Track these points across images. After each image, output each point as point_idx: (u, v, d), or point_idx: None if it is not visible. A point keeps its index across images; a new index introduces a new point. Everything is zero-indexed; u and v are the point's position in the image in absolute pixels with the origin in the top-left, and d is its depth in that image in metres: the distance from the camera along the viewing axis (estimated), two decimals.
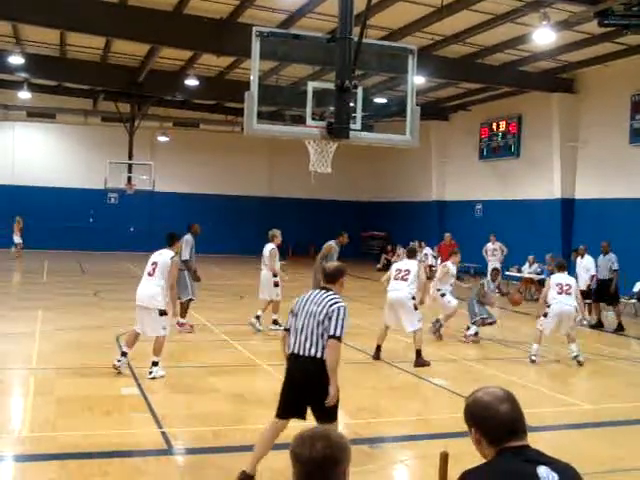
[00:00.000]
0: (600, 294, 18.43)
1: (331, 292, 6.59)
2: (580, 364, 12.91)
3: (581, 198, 26.81)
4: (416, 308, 12.69)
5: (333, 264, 7.17)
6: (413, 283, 12.74)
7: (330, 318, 6.32)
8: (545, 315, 13.10)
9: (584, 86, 26.68)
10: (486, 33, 21.45)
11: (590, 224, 25.40)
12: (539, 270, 24.28)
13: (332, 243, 15.83)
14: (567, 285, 13.08)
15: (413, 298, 12.67)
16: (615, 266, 18.14)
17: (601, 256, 18.43)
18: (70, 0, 19.67)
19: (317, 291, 6.66)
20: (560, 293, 12.98)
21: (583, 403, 10.41)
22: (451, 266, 15.29)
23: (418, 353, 12.39)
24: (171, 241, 11.44)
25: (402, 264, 13.34)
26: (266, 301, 15.17)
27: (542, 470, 2.83)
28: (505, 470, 2.85)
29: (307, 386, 6.44)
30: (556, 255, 21.46)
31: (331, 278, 6.75)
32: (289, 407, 6.54)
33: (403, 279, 12.74)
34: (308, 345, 6.37)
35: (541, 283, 22.77)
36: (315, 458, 2.70)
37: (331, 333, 6.28)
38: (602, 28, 18.73)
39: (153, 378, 10.58)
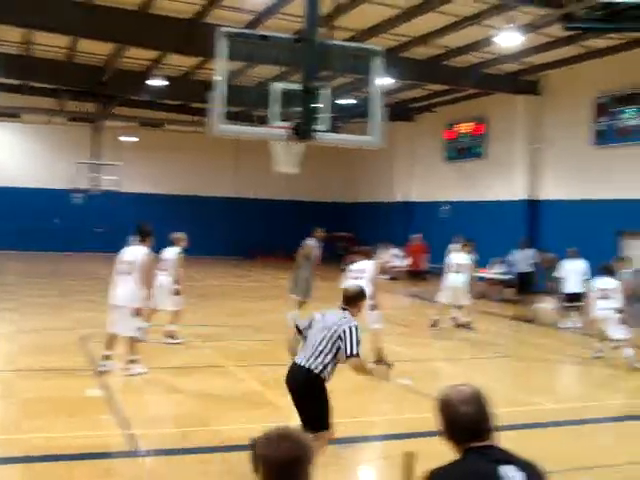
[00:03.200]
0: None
1: (346, 313, 6.72)
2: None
3: (546, 199, 27.09)
4: (373, 308, 12.21)
5: (355, 288, 7.24)
6: (369, 283, 12.18)
7: (341, 338, 6.42)
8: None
9: (548, 88, 26.96)
10: (452, 35, 21.60)
11: (555, 224, 25.68)
12: (504, 271, 24.42)
13: (311, 242, 15.80)
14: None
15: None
16: (533, 259, 19.52)
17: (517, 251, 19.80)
18: None
19: (333, 310, 6.79)
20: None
21: (548, 402, 10.52)
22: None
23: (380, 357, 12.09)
24: (143, 236, 11.08)
25: (357, 264, 12.89)
26: (153, 310, 12.90)
27: (506, 469, 2.86)
28: (469, 470, 2.88)
29: (297, 393, 6.57)
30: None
31: (351, 300, 6.89)
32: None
33: (357, 279, 12.18)
34: (309, 357, 6.48)
35: (505, 283, 22.96)
36: (282, 458, 2.71)
37: (348, 354, 6.38)
38: (566, 31, 18.97)
39: (130, 375, 10.54)
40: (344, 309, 6.79)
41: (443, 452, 3.11)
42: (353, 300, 6.89)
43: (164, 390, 10.35)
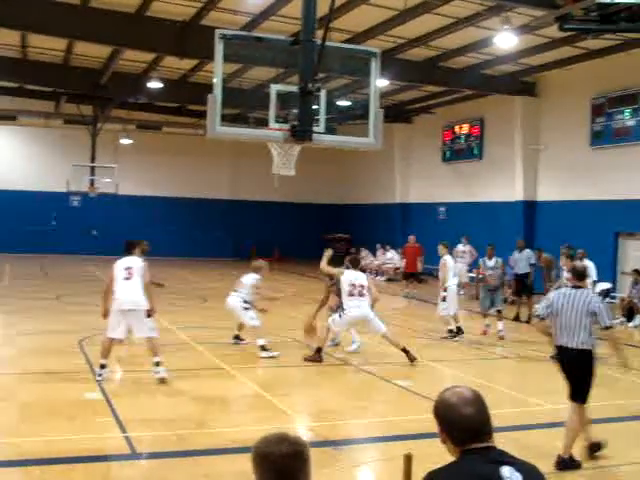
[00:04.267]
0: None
1: (585, 290, 7.74)
2: None
3: (543, 200, 27.12)
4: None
5: (582, 264, 8.73)
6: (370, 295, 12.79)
7: (595, 313, 7.36)
8: None
9: (545, 89, 26.99)
10: (448, 36, 21.63)
11: (552, 226, 25.69)
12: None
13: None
14: None
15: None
16: (532, 260, 19.54)
17: (516, 252, 19.82)
18: (31, 1, 19.47)
19: (572, 290, 7.62)
20: None
21: (547, 403, 10.52)
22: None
23: (405, 350, 12.55)
24: (129, 250, 11.23)
25: (354, 278, 12.80)
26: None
27: (505, 470, 2.85)
28: (468, 471, 2.88)
29: (571, 371, 7.54)
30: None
31: (581, 277, 7.86)
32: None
33: (361, 295, 12.56)
34: (574, 338, 7.40)
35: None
36: (287, 453, 2.74)
37: (604, 325, 7.41)
38: (562, 32, 18.98)
39: (162, 379, 10.56)
40: (578, 287, 7.64)
41: (442, 454, 3.11)
42: (582, 276, 7.87)
43: (162, 393, 10.33)
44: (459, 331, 15.62)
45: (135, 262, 11.01)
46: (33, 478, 6.91)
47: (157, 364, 10.70)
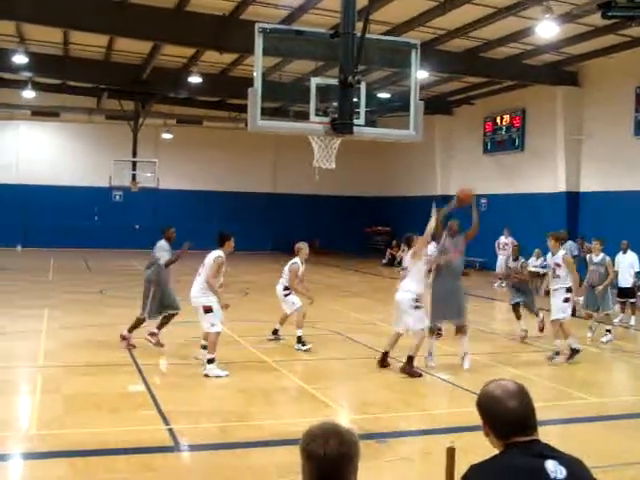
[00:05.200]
0: None
1: None
2: None
3: (586, 191, 26.77)
4: (417, 307, 11.40)
5: None
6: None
7: None
8: None
9: (588, 79, 26.61)
10: (489, 27, 21.41)
11: (595, 217, 25.35)
12: (544, 264, 24.12)
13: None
14: None
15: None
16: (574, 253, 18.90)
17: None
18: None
19: None
20: None
21: (591, 397, 10.39)
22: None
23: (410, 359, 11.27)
24: (221, 241, 11.31)
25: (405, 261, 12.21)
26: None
27: (550, 464, 2.82)
28: (512, 465, 2.85)
29: None
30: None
31: None
32: None
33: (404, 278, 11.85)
34: None
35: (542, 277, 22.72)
36: (330, 456, 2.69)
37: None
38: (606, 20, 18.67)
39: (206, 375, 10.63)
40: None
41: (485, 447, 3.08)
42: None
43: (205, 385, 10.40)
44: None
45: (209, 257, 11.13)
46: (77, 469, 6.99)
47: (209, 361, 10.76)
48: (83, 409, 8.85)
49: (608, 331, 14.75)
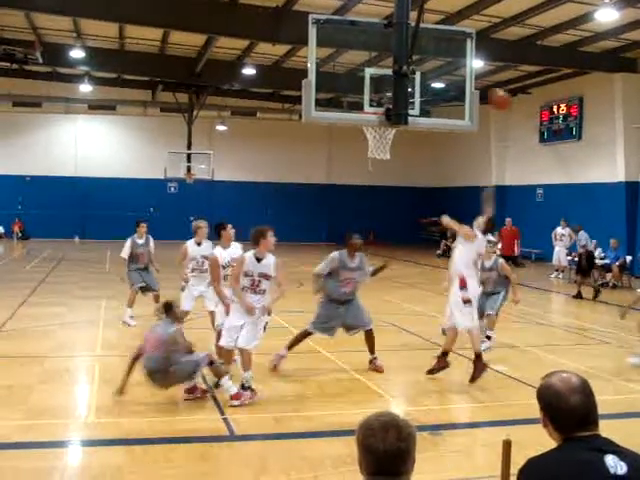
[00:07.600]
0: None
1: None
2: None
3: None
4: (465, 302, 10.49)
5: None
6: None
7: None
8: None
9: None
10: (545, 14, 21.08)
11: None
12: (602, 255, 23.78)
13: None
14: None
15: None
16: None
17: None
18: None
19: None
20: None
21: None
22: None
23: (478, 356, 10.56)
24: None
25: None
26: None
27: (609, 459, 2.78)
28: (570, 460, 2.81)
29: None
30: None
31: None
32: None
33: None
34: None
35: (605, 268, 22.45)
36: (389, 451, 2.70)
37: None
38: None
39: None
40: None
41: (542, 440, 3.04)
42: None
43: (260, 376, 10.44)
44: None
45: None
46: (135, 456, 7.11)
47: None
48: (140, 398, 8.96)
49: None
